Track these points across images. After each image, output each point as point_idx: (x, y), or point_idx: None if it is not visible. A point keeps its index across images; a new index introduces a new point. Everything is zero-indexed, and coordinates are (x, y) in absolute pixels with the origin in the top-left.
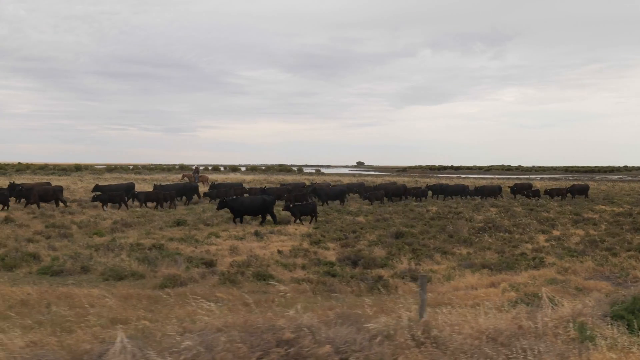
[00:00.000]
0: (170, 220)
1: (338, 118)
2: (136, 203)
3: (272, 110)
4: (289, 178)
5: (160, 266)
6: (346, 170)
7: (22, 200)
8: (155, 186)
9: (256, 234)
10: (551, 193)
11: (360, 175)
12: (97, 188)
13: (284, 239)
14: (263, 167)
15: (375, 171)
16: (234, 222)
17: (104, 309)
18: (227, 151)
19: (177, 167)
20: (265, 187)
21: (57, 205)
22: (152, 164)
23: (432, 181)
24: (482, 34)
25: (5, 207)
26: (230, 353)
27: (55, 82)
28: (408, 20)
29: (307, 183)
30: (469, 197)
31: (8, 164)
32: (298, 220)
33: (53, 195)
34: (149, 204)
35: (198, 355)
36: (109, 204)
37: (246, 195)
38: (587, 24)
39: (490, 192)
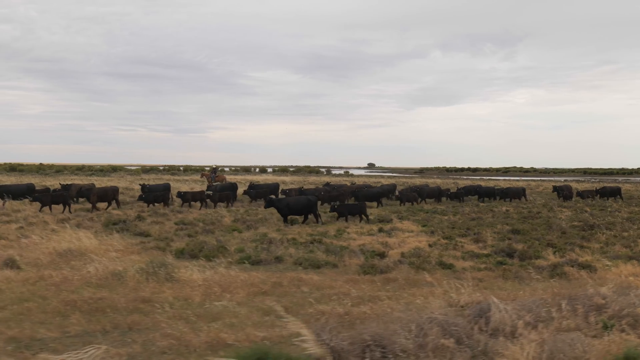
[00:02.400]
0: (276, 218)
1: (347, 119)
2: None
3: (282, 111)
4: (324, 179)
5: (344, 257)
6: (362, 172)
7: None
8: (208, 187)
9: (380, 230)
10: (583, 195)
11: (380, 176)
12: (143, 188)
13: (409, 235)
14: (292, 169)
15: (391, 172)
16: (285, 221)
17: (341, 289)
18: (236, 152)
19: (206, 168)
20: (302, 187)
21: (117, 205)
22: (180, 165)
23: (447, 182)
24: (493, 35)
25: (65, 208)
26: (572, 312)
27: (66, 83)
28: (418, 22)
29: (348, 184)
30: (497, 198)
31: (48, 165)
32: (344, 220)
33: (111, 195)
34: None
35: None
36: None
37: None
38: (599, 26)
39: (515, 194)
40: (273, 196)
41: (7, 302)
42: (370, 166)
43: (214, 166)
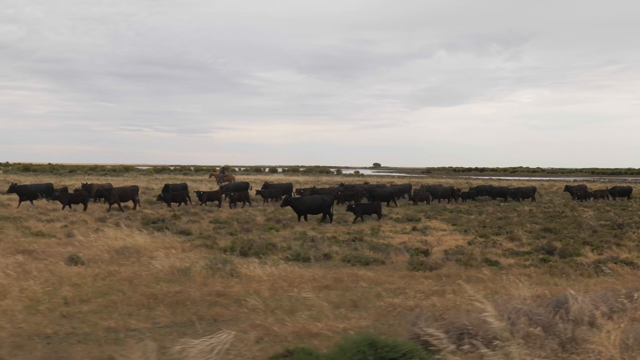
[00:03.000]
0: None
1: (353, 119)
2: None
3: (287, 111)
4: (336, 179)
5: (390, 254)
6: (370, 172)
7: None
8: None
9: (414, 229)
10: (595, 194)
11: (391, 176)
12: (166, 188)
13: (443, 234)
14: (302, 169)
15: (398, 173)
16: (298, 220)
17: (399, 284)
18: (241, 152)
19: (217, 168)
20: (314, 187)
21: (136, 204)
22: (189, 165)
23: (459, 182)
24: (498, 35)
25: (85, 207)
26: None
27: (71, 83)
28: (423, 22)
29: (359, 184)
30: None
31: (60, 165)
32: (360, 219)
33: (131, 195)
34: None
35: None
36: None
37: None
38: (604, 26)
39: (525, 194)
40: (285, 195)
41: (90, 296)
42: (376, 166)
43: (223, 166)
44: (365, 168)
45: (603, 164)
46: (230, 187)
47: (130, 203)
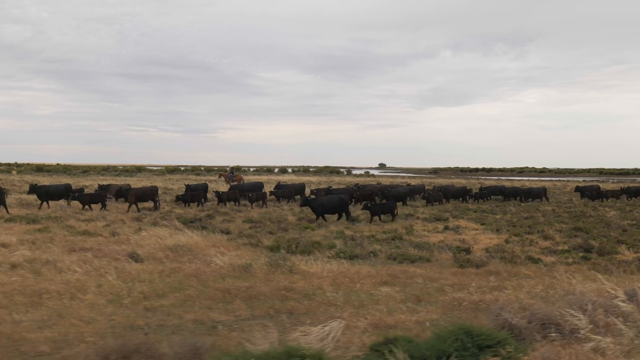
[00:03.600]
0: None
1: (358, 120)
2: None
3: (292, 111)
4: (348, 179)
5: (434, 252)
6: (377, 172)
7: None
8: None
9: (446, 228)
10: (607, 195)
11: (401, 177)
12: (188, 188)
13: (476, 233)
14: (312, 169)
15: (405, 173)
16: (316, 220)
17: (453, 280)
18: (246, 152)
19: (227, 168)
20: (330, 187)
21: (156, 205)
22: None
23: (471, 182)
24: (504, 34)
25: (103, 207)
26: None
27: (76, 84)
28: (429, 22)
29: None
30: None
31: (73, 166)
32: (377, 218)
33: (150, 195)
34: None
35: None
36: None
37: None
38: (610, 25)
39: (536, 194)
40: (298, 196)
41: (165, 291)
42: (381, 166)
43: (232, 167)
44: (370, 168)
45: (610, 164)
46: (245, 187)
47: (148, 203)
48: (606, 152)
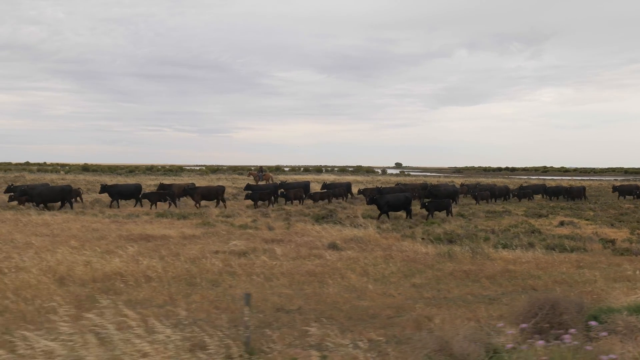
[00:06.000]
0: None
1: (373, 119)
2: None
3: (307, 111)
4: (393, 179)
5: (586, 243)
6: (396, 171)
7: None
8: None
9: (562, 223)
10: None
11: (429, 176)
12: (249, 187)
13: (594, 228)
14: (350, 169)
15: (429, 172)
16: (378, 218)
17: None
18: (261, 152)
19: (252, 167)
20: (380, 187)
21: (218, 204)
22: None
23: (508, 182)
24: (519, 33)
25: (173, 205)
26: None
27: (92, 84)
28: (444, 21)
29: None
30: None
31: (116, 166)
32: (431, 216)
33: (215, 194)
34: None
35: None
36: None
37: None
38: (626, 24)
39: (578, 193)
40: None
41: (406, 273)
42: (398, 166)
43: (260, 166)
44: (387, 168)
45: (628, 163)
46: (293, 185)
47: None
48: (624, 151)
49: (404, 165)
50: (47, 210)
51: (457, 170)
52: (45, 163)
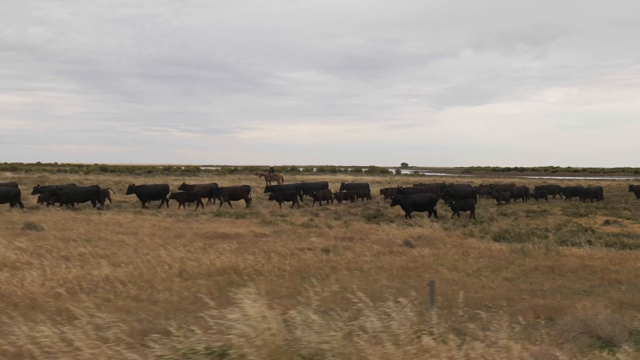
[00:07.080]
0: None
1: (378, 119)
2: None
3: (312, 111)
4: (413, 179)
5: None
6: (407, 171)
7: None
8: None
9: (607, 222)
10: None
11: (451, 177)
12: (269, 189)
13: (628, 227)
14: (365, 169)
15: (437, 173)
16: (406, 217)
17: None
18: (266, 153)
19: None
20: (401, 187)
21: (248, 203)
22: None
23: (525, 182)
24: (525, 33)
25: (200, 205)
26: None
27: (98, 85)
28: (449, 21)
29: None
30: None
31: (132, 166)
32: (456, 215)
33: (241, 194)
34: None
35: None
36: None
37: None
38: (633, 24)
39: (595, 193)
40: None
41: (493, 267)
42: (404, 166)
43: (272, 167)
44: (393, 168)
45: (636, 163)
46: (311, 186)
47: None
48: (631, 151)
49: (409, 165)
50: (106, 210)
51: (467, 171)
52: (56, 163)
